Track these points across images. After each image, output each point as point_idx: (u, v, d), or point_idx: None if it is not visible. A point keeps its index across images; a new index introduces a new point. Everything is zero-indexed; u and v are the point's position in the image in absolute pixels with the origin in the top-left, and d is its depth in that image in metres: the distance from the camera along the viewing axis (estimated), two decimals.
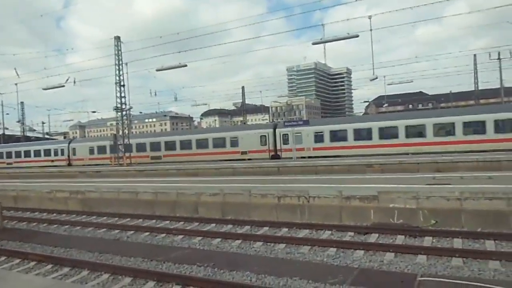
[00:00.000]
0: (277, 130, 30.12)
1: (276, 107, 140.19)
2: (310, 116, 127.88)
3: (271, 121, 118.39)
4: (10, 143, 53.16)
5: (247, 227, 10.00)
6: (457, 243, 7.56)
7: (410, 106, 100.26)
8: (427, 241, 7.81)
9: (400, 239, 8.07)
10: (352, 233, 8.70)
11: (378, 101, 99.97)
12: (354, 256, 7.14)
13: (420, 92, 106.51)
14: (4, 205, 12.21)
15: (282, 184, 12.87)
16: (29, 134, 70.10)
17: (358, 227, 9.05)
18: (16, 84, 46.55)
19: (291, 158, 27.87)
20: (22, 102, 64.31)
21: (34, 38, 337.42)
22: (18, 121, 62.37)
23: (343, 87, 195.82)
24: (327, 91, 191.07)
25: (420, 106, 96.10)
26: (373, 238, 8.30)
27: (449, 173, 14.79)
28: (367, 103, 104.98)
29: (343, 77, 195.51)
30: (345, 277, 5.88)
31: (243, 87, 60.53)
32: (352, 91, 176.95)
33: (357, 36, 22.18)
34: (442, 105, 79.39)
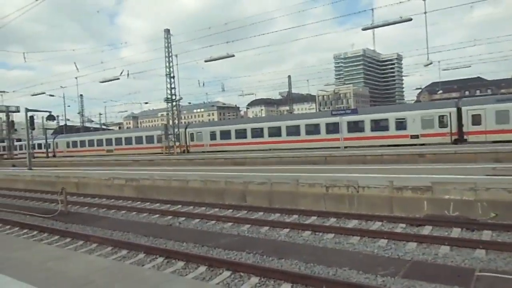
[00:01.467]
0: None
1: (323, 96, 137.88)
2: (358, 105, 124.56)
3: (318, 110, 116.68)
4: (72, 133, 56.82)
5: (295, 216, 10.00)
6: None
7: (467, 92, 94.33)
8: (486, 235, 7.39)
9: (456, 232, 7.70)
10: (404, 225, 8.42)
11: (432, 88, 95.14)
12: (406, 248, 6.91)
13: (479, 77, 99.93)
14: (67, 191, 13.09)
15: (330, 173, 12.68)
16: (87, 125, 74.41)
17: (410, 219, 8.74)
18: (76, 78, 49.59)
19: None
20: (81, 95, 68.38)
21: (89, 35, 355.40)
22: (78, 113, 66.41)
23: (393, 74, 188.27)
24: (376, 78, 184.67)
25: (478, 92, 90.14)
26: (426, 230, 7.98)
27: (510, 164, 13.81)
28: (419, 90, 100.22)
29: (393, 64, 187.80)
30: (397, 269, 5.73)
31: (289, 76, 60.17)
32: (403, 78, 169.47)
33: (410, 19, 21.14)
34: (503, 90, 73.99)
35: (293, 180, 11.40)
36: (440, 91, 71.88)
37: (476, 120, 24.17)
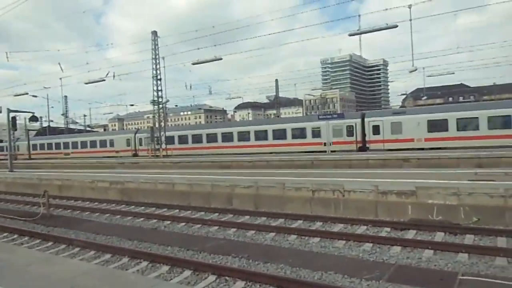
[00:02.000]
0: None
1: (310, 100, 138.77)
2: (345, 109, 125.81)
3: (305, 114, 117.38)
4: (55, 135, 55.86)
5: (281, 220, 10.02)
6: (501, 241, 7.23)
7: (451, 98, 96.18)
8: (469, 239, 7.52)
9: (439, 236, 7.82)
10: (388, 229, 8.52)
11: (416, 94, 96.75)
12: (391, 252, 6.99)
13: (461, 84, 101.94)
14: (50, 193, 12.85)
15: (316, 177, 12.75)
16: (71, 126, 73.25)
17: (395, 223, 8.84)
18: (60, 78, 48.86)
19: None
20: (65, 96, 67.35)
21: (75, 34, 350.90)
22: (62, 114, 65.37)
23: (379, 80, 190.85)
24: (363, 83, 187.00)
25: (461, 99, 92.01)
26: (410, 234, 8.08)
27: (492, 169, 14.12)
28: (404, 96, 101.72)
29: (380, 69, 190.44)
30: (381, 273, 5.78)
31: (276, 80, 60.37)
32: (389, 83, 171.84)
33: (396, 26, 21.48)
34: (485, 97, 75.68)
35: (279, 184, 11.43)
36: (425, 97, 73.09)
37: (376, 130, 27.39)
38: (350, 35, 23.78)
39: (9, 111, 26.96)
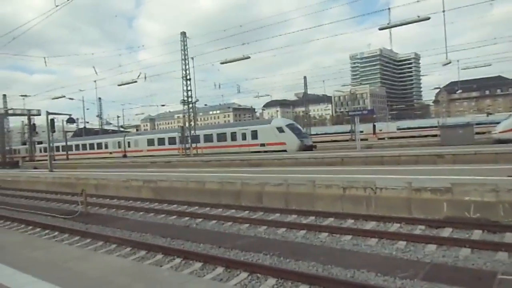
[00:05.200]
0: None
1: (339, 97, 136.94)
2: (375, 105, 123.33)
3: (334, 111, 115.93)
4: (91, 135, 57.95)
5: (312, 217, 9.95)
6: None
7: (487, 91, 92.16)
8: (509, 237, 7.20)
9: (477, 234, 7.53)
10: (422, 227, 8.29)
11: (451, 88, 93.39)
12: (425, 250, 6.80)
13: (499, 76, 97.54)
14: (87, 192, 13.34)
15: (347, 174, 12.58)
16: (106, 127, 75.63)
17: (430, 221, 8.59)
18: (95, 81, 50.66)
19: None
20: (100, 98, 69.59)
21: (108, 38, 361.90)
22: (97, 116, 67.63)
23: (410, 74, 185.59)
24: (394, 78, 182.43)
25: (498, 91, 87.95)
26: (446, 232, 7.83)
27: None
28: (438, 90, 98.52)
29: (411, 63, 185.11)
30: (416, 272, 5.64)
31: (305, 77, 59.91)
32: (421, 77, 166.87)
33: (429, 18, 20.78)
34: None
35: (309, 181, 11.35)
36: (460, 91, 70.44)
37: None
38: (381, 29, 23.24)
39: (48, 113, 28.19)
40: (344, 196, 10.47)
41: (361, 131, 37.37)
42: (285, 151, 30.35)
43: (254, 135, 32.98)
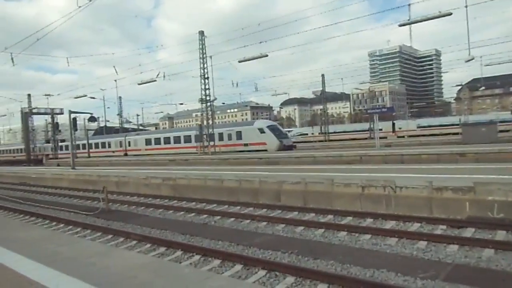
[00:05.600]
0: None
1: (357, 94, 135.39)
2: (395, 103, 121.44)
3: (352, 109, 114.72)
4: (111, 134, 59.11)
5: (330, 216, 9.89)
6: None
7: None
8: None
9: (501, 235, 7.34)
10: (444, 227, 8.13)
11: (473, 84, 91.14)
12: (447, 250, 6.67)
13: None
14: (108, 189, 13.61)
15: (366, 173, 12.44)
16: (125, 125, 76.86)
17: (451, 220, 8.42)
18: (115, 80, 51.52)
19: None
20: (120, 97, 70.70)
21: (128, 38, 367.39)
22: (118, 114, 68.81)
23: (431, 71, 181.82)
24: (414, 75, 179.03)
25: None
26: (468, 232, 7.66)
27: None
28: (459, 87, 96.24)
29: (432, 60, 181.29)
30: (437, 272, 5.55)
31: (323, 75, 59.42)
32: (442, 74, 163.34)
33: (450, 14, 20.31)
34: None
35: (327, 180, 11.28)
36: (482, 88, 68.52)
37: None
38: (401, 25, 22.85)
39: (71, 112, 28.83)
40: (363, 195, 10.37)
41: (380, 129, 36.86)
42: (266, 150, 32.50)
43: (239, 135, 35.48)
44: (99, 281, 3.94)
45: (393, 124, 54.38)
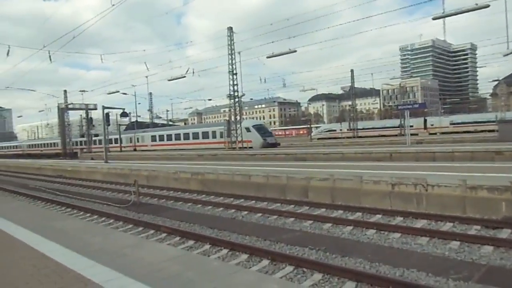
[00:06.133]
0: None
1: (387, 90, 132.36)
2: (426, 99, 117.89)
3: (382, 105, 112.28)
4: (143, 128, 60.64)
5: (359, 213, 9.75)
6: None
7: None
8: None
9: None
10: (478, 227, 7.85)
11: (511, 80, 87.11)
12: (481, 251, 6.44)
13: None
14: (139, 183, 13.95)
15: (396, 170, 12.17)
16: (156, 121, 78.51)
17: (486, 221, 8.11)
18: (146, 76, 52.74)
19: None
20: (150, 93, 72.26)
21: (158, 36, 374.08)
22: (148, 110, 70.38)
23: (466, 66, 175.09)
24: (447, 70, 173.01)
25: None
26: (504, 233, 7.36)
27: None
28: (496, 82, 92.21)
29: (467, 54, 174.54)
30: (470, 274, 5.37)
31: (352, 70, 58.49)
32: (477, 69, 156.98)
33: (488, 6, 19.46)
34: None
35: (356, 177, 11.12)
36: None
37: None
38: (434, 18, 22.08)
39: (104, 107, 29.72)
40: (392, 192, 10.16)
41: (411, 126, 35.94)
42: (251, 147, 35.90)
43: (228, 134, 38.21)
44: (132, 271, 4.07)
45: (425, 120, 52.83)
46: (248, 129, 37.97)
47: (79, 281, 3.92)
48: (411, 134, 30.72)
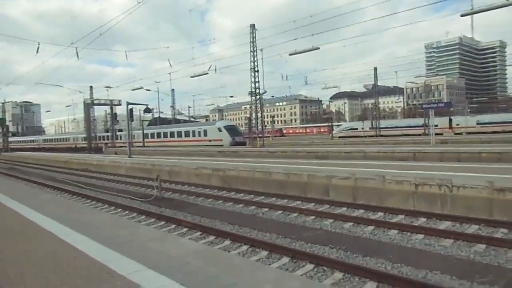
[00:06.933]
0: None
1: (412, 88, 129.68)
2: (452, 98, 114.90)
3: (406, 104, 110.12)
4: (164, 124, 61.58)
5: (381, 213, 9.63)
6: None
7: None
8: None
9: None
10: (505, 230, 7.63)
11: None
12: (508, 256, 6.26)
13: None
14: (161, 178, 14.18)
15: (420, 171, 11.93)
16: (178, 117, 79.42)
17: None
18: (169, 73, 53.43)
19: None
20: (173, 89, 73.16)
21: (182, 33, 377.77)
22: (171, 106, 71.33)
23: (494, 64, 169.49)
24: (474, 69, 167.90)
25: None
26: None
27: None
28: None
29: (495, 52, 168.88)
30: (496, 278, 5.24)
31: (375, 68, 57.57)
32: (506, 67, 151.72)
33: None
34: None
35: (379, 176, 10.97)
36: None
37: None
38: (463, 15, 21.50)
39: (128, 103, 30.27)
40: (416, 193, 9.97)
41: (436, 125, 35.09)
42: (222, 145, 40.70)
43: (205, 133, 44.82)
44: (156, 265, 4.15)
45: (450, 120, 51.47)
46: (220, 129, 43.18)
47: (105, 272, 4.04)
48: (436, 134, 30.02)
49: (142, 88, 47.88)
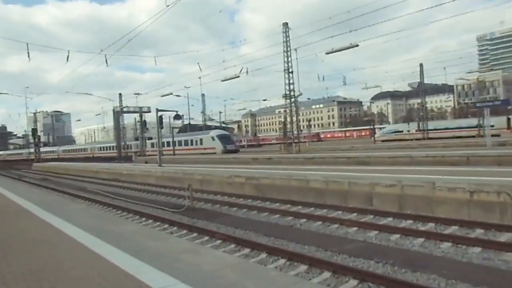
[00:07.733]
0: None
1: (463, 86, 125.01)
2: (510, 95, 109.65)
3: (456, 102, 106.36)
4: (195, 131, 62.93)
5: (431, 224, 9.30)
6: None
7: None
8: None
9: None
10: None
11: None
12: None
13: None
14: (192, 187, 14.41)
15: (474, 176, 11.44)
16: (208, 123, 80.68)
17: None
18: (199, 77, 54.50)
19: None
20: (203, 94, 74.54)
21: (212, 35, 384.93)
22: (201, 112, 72.67)
23: None
24: None
25: None
26: None
27: None
28: None
29: None
30: None
31: (421, 64, 56.01)
32: None
33: None
34: None
35: (428, 183, 10.62)
36: None
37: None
38: None
39: (158, 110, 31.08)
40: (471, 201, 9.56)
41: (492, 126, 33.58)
42: (215, 153, 46.15)
43: (201, 142, 50.79)
44: (189, 278, 4.20)
45: (508, 119, 49.06)
46: (213, 138, 49.19)
47: (136, 285, 4.13)
48: (492, 135, 28.72)
49: (171, 94, 49.07)
